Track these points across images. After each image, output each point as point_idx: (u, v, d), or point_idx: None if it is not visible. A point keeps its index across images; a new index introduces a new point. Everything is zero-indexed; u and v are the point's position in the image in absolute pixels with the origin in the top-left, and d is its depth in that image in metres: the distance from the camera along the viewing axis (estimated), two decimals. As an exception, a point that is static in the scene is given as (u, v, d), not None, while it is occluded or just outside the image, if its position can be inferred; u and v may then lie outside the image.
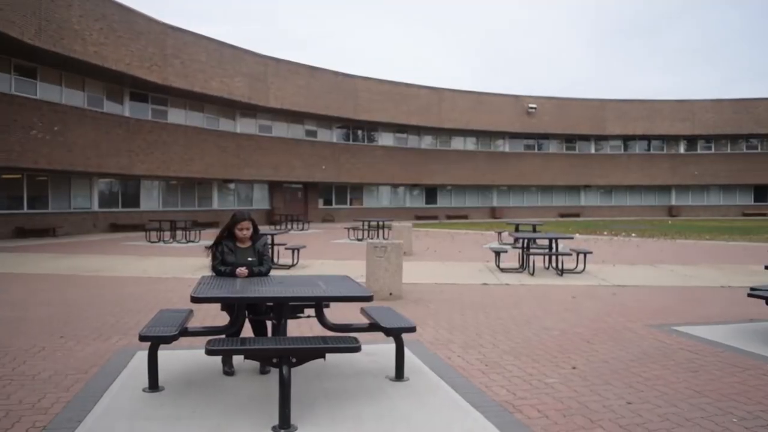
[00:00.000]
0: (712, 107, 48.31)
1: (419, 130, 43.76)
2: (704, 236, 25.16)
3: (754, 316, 8.11)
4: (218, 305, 6.05)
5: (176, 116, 30.38)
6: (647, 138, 49.61)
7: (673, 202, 50.11)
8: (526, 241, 13.45)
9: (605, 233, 27.12)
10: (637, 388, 4.99)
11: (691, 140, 49.83)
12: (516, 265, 13.72)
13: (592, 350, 6.26)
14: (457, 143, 45.86)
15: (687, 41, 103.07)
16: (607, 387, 5.02)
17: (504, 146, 47.49)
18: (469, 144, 46.35)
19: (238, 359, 5.33)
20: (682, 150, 50.02)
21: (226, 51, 31.08)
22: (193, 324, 5.79)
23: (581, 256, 13.30)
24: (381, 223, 24.49)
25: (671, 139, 49.81)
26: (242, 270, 5.50)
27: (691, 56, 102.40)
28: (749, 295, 7.14)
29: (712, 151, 49.90)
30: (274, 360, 4.20)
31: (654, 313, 8.44)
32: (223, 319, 6.20)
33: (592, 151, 49.41)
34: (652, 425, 4.16)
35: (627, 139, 49.59)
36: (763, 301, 7.07)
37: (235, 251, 5.66)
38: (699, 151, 49.92)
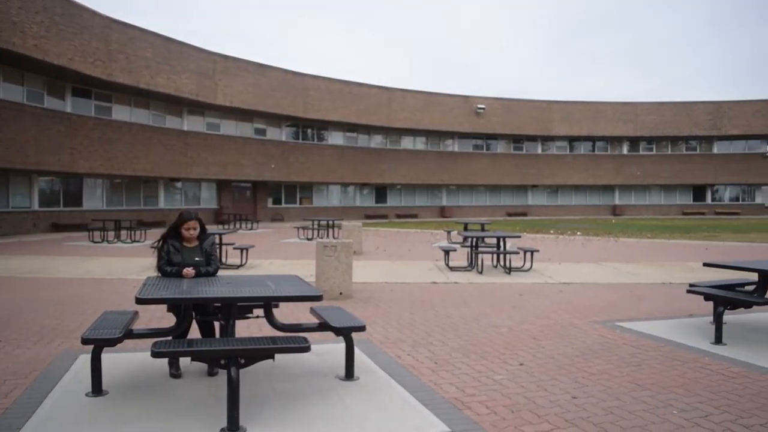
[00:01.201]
0: (654, 109, 49.83)
1: (369, 130, 43.80)
2: (646, 235, 25.91)
3: (694, 311, 8.40)
4: (164, 306, 5.94)
5: (121, 113, 29.63)
6: (592, 139, 50.83)
7: (617, 202, 51.46)
8: (474, 240, 13.61)
9: (551, 232, 27.66)
10: (582, 383, 5.10)
11: (634, 141, 51.29)
12: (465, 263, 13.87)
13: (539, 347, 6.37)
14: (407, 143, 46.09)
15: (631, 44, 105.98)
16: (553, 382, 5.12)
17: (453, 146, 47.94)
18: (419, 143, 46.64)
19: (185, 361, 5.23)
20: (625, 151, 51.42)
21: (173, 47, 30.49)
22: (139, 326, 5.66)
23: (528, 255, 13.54)
24: (331, 222, 24.41)
25: (615, 140, 51.15)
26: (189, 270, 5.40)
27: (635, 59, 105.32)
28: (688, 291, 7.39)
29: (654, 152, 51.45)
30: (222, 361, 4.14)
31: (598, 309, 8.64)
32: (169, 320, 6.09)
33: (539, 151, 50.34)
34: (597, 419, 4.27)
35: (572, 140, 50.71)
36: (702, 297, 7.33)
37: (182, 251, 5.56)
38: (641, 152, 51.43)
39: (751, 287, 7.20)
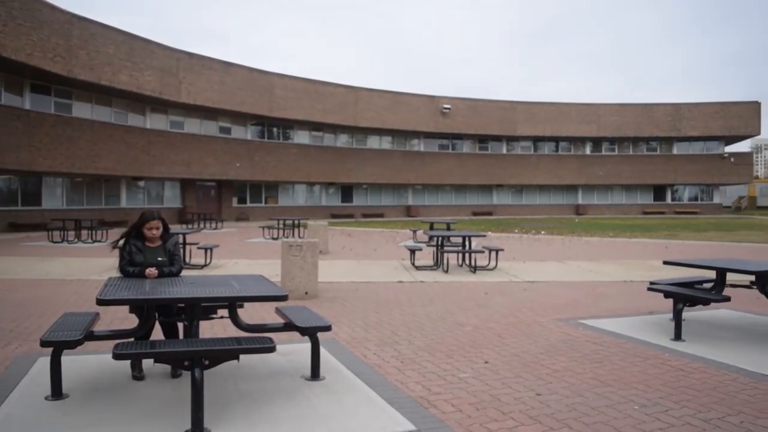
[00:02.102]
0: (616, 111, 50.69)
1: (335, 129, 43.70)
2: (608, 234, 26.35)
3: (654, 309, 8.57)
4: (126, 307, 5.84)
5: (82, 110, 29.04)
6: (555, 139, 51.50)
7: (580, 201, 52.23)
8: (440, 239, 13.67)
9: (516, 231, 27.95)
10: (546, 380, 5.16)
11: (597, 142, 52.11)
12: (431, 262, 13.93)
13: (504, 344, 6.43)
14: (373, 142, 46.11)
15: (594, 48, 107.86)
16: (517, 380, 5.18)
17: (419, 146, 48.11)
18: (385, 143, 46.70)
19: (148, 363, 5.14)
20: (588, 151, 52.20)
21: (136, 43, 29.98)
22: (100, 327, 5.55)
23: (493, 254, 13.65)
24: (296, 221, 24.29)
25: (578, 141, 51.91)
26: (152, 270, 5.33)
27: (598, 62, 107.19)
28: (649, 289, 7.54)
29: (616, 152, 52.35)
30: (186, 362, 4.09)
31: (562, 307, 8.76)
32: (131, 322, 5.98)
33: (504, 151, 50.81)
34: (560, 415, 4.32)
35: (536, 140, 51.31)
36: (662, 295, 7.48)
37: (144, 251, 5.47)
38: (604, 153, 52.26)
39: (710, 285, 7.37)
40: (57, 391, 4.55)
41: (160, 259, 5.49)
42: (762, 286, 6.82)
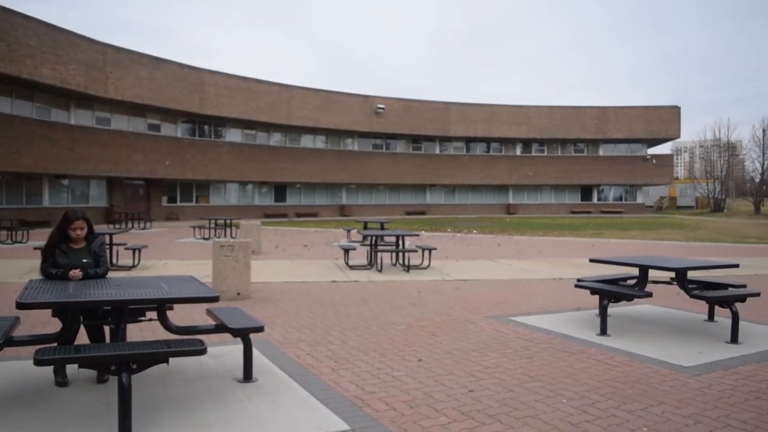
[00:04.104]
0: (545, 113, 52.01)
1: (268, 127, 43.20)
2: (538, 232, 27.02)
3: (581, 305, 8.84)
4: (49, 311, 5.60)
5: (1, 105, 27.69)
6: (487, 140, 52.43)
7: (511, 201, 53.33)
8: (374, 238, 13.71)
9: (449, 230, 28.32)
10: (477, 377, 5.25)
11: (527, 143, 53.35)
12: (364, 262, 13.96)
13: (437, 342, 6.50)
14: (307, 141, 45.81)
15: (527, 51, 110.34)
16: (450, 377, 5.24)
17: (353, 145, 48.12)
18: (319, 142, 46.48)
19: (72, 368, 4.96)
20: (518, 152, 53.38)
21: (60, 35, 28.79)
22: (21, 332, 5.32)
23: (426, 253, 13.79)
24: (228, 221, 23.89)
25: (509, 142, 53.00)
26: (76, 272, 5.14)
27: (530, 65, 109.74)
28: (576, 286, 7.77)
29: (545, 153, 53.74)
30: (113, 367, 3.96)
31: (493, 305, 8.93)
32: (54, 326, 5.75)
33: (437, 151, 51.39)
34: (492, 410, 4.40)
35: (469, 141, 52.11)
36: (588, 291, 7.73)
37: (69, 253, 5.27)
38: (533, 154, 53.56)
39: (633, 281, 7.66)
40: (-27, 400, 4.33)
41: (84, 260, 5.30)
42: (681, 282, 7.13)
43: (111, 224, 30.75)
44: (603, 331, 6.94)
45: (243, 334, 5.02)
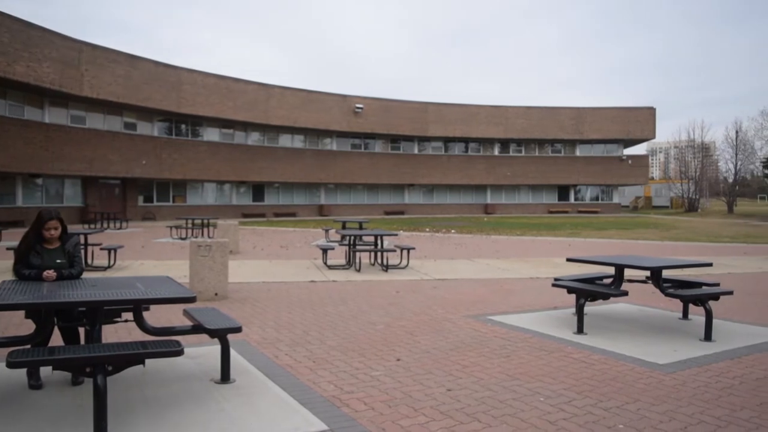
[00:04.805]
0: (523, 113, 52.35)
1: (246, 126, 42.95)
2: (515, 232, 27.18)
3: (558, 304, 8.91)
4: (22, 313, 5.52)
5: (-29, 103, 27.25)
6: (465, 140, 52.64)
7: (489, 201, 53.61)
8: (352, 238, 13.70)
9: (427, 230, 28.38)
10: (456, 376, 5.27)
11: (505, 143, 53.66)
12: (343, 261, 13.94)
13: (415, 342, 6.51)
14: (285, 140, 45.62)
15: (506, 51, 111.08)
16: (429, 376, 5.25)
17: (331, 145, 48.02)
18: (297, 142, 46.32)
19: (46, 371, 4.89)
20: (496, 152, 53.66)
21: (34, 32, 28.32)
22: (-8, 333, 5.23)
23: (405, 252, 13.81)
24: (206, 221, 23.72)
25: (487, 142, 53.26)
26: (50, 273, 5.07)
27: (508, 65, 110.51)
28: (553, 285, 7.83)
29: (523, 153, 54.08)
30: (88, 369, 3.91)
31: (471, 304, 8.96)
32: (28, 328, 5.67)
33: (416, 151, 51.47)
34: (470, 409, 4.42)
35: (447, 141, 52.27)
36: (565, 290, 7.79)
37: (42, 253, 5.20)
38: (511, 154, 53.88)
39: (609, 280, 7.74)
40: (-57, 403, 4.25)
41: (59, 261, 5.23)
42: (656, 281, 7.21)
43: (86, 224, 30.37)
44: (580, 330, 7.00)
45: (220, 334, 4.98)
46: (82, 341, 5.11)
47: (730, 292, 7.30)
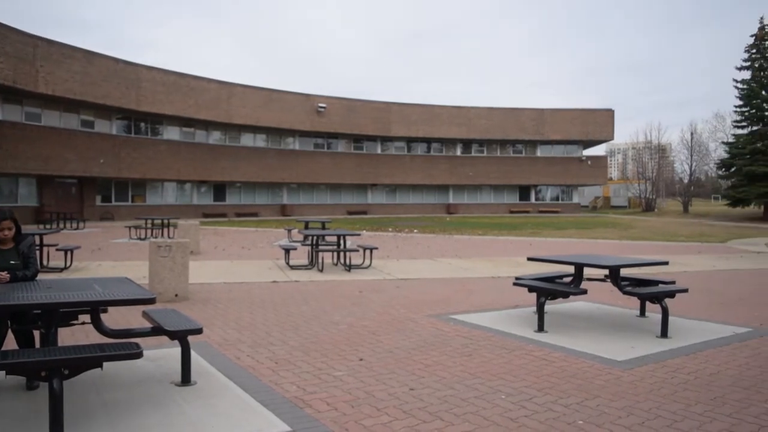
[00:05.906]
0: (485, 114, 52.82)
1: (207, 125, 42.45)
2: (477, 232, 27.42)
3: (519, 303, 9.01)
4: (-26, 315, 5.36)
5: None
6: (428, 140, 52.90)
7: (451, 201, 53.98)
8: (315, 238, 13.65)
9: (390, 230, 28.44)
10: (418, 375, 5.29)
11: (467, 143, 54.09)
12: (305, 261, 13.88)
13: (378, 341, 6.52)
14: (247, 140, 45.23)
15: (469, 53, 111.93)
16: (391, 375, 5.26)
17: (294, 144, 47.77)
18: (259, 141, 45.96)
19: (-1, 374, 4.76)
20: (458, 152, 54.05)
21: (-15, 28, 27.56)
22: (-58, 337, 5.06)
23: (368, 252, 13.82)
24: (166, 221, 23.37)
25: (449, 142, 53.62)
26: (3, 275, 4.94)
27: (472, 66, 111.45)
28: (514, 284, 7.91)
29: (485, 154, 54.58)
30: (43, 373, 3.81)
31: (434, 303, 9.01)
32: (-21, 330, 5.51)
33: (378, 151, 51.54)
34: (433, 408, 4.44)
35: (410, 141, 52.47)
36: (526, 289, 7.88)
37: (-5, 254, 5.05)
38: (473, 154, 54.33)
39: (569, 279, 7.86)
40: None
41: (12, 262, 5.10)
42: (614, 280, 7.35)
43: (41, 224, 29.63)
44: (540, 328, 7.09)
45: (180, 336, 4.91)
46: (38, 344, 4.99)
47: (686, 290, 7.47)
